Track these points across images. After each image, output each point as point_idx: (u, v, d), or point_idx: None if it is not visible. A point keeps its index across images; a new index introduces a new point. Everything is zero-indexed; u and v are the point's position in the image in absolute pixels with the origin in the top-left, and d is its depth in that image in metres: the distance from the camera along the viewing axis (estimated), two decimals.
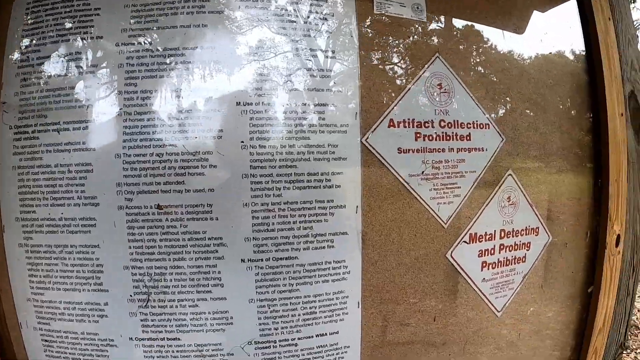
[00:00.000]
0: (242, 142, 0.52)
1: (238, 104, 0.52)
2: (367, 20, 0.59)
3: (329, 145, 0.54)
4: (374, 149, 0.56)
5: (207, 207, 0.52)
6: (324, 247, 0.55)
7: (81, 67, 0.53)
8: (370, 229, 0.56)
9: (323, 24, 0.56)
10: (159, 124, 0.52)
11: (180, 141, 0.52)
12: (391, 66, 0.60)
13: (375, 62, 0.59)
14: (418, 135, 0.58)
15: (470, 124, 0.61)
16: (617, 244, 0.68)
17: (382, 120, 0.56)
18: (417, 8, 0.61)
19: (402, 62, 0.60)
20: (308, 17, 0.56)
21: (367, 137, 0.56)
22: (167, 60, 0.53)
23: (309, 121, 0.54)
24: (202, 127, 0.52)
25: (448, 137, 0.59)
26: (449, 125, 0.60)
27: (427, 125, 0.58)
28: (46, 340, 0.59)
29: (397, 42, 0.60)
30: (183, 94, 0.52)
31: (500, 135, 0.63)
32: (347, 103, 0.56)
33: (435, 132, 0.59)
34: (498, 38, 0.67)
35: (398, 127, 0.57)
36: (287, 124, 0.53)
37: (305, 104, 0.54)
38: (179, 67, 0.53)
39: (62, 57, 0.54)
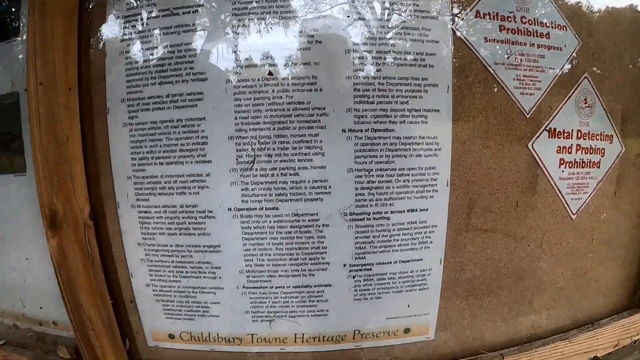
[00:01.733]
0: (349, 17, 0.62)
1: None
2: None
3: (423, 29, 0.65)
4: (463, 35, 0.66)
5: (312, 79, 0.62)
6: (418, 122, 0.64)
7: None
8: (460, 109, 0.66)
9: None
10: None
11: (287, 16, 0.63)
12: None
13: None
14: (502, 27, 0.68)
15: (549, 24, 0.71)
16: None
17: (470, 10, 0.67)
18: None
19: None
20: None
21: (457, 24, 0.66)
22: None
23: (406, 7, 0.64)
24: (307, 6, 0.63)
25: (529, 33, 0.70)
26: (530, 22, 0.70)
27: (509, 19, 0.69)
28: (143, 216, 0.68)
29: None
30: None
31: (577, 38, 0.74)
32: None
33: (517, 27, 0.69)
34: None
35: (484, 18, 0.68)
36: (385, 7, 0.64)
37: None
38: None
39: None
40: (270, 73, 0.61)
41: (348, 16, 0.62)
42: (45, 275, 0.78)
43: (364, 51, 0.62)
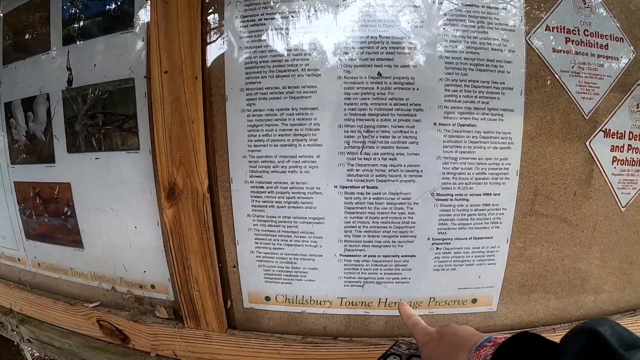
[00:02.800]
0: (443, 29, 0.84)
1: (433, 1, 0.85)
2: None
3: (502, 40, 0.87)
4: (535, 46, 0.88)
5: (410, 80, 0.83)
6: (495, 120, 0.85)
7: None
8: (530, 109, 0.86)
9: None
10: (373, 11, 0.85)
11: (392, 28, 0.84)
12: None
13: None
14: (568, 39, 0.90)
15: (608, 36, 0.94)
16: None
17: (541, 24, 0.89)
18: None
19: None
20: None
21: (530, 37, 0.88)
22: None
23: (487, 20, 0.86)
24: (408, 18, 0.85)
25: (591, 44, 0.92)
26: (591, 35, 0.92)
27: (574, 32, 0.91)
28: (255, 191, 0.90)
29: None
30: None
31: (632, 49, 0.96)
32: (514, 7, 0.88)
33: (580, 39, 0.91)
34: None
35: (552, 31, 0.90)
36: (471, 19, 0.86)
37: (483, 5, 0.86)
38: None
39: None
40: (379, 73, 0.83)
41: (443, 28, 0.84)
42: (150, 242, 1.00)
43: (453, 58, 0.84)
